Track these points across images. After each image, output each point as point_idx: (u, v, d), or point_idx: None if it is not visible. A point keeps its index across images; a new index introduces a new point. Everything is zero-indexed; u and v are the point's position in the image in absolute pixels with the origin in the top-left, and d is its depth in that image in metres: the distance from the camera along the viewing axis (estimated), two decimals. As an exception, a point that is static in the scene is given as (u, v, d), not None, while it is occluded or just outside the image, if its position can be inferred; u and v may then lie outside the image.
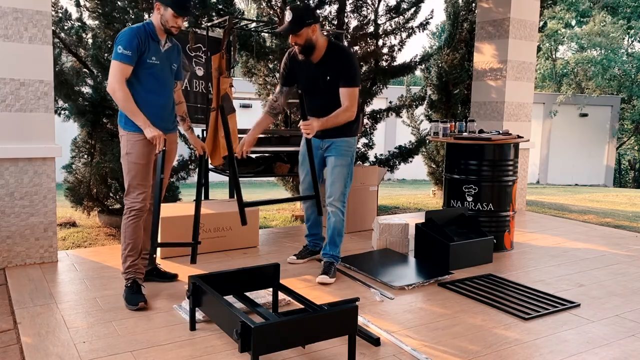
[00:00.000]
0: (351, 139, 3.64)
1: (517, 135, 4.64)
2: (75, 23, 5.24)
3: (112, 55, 3.00)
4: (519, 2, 6.20)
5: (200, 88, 5.21)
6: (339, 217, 3.66)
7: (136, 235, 3.15)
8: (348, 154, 3.62)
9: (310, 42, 3.38)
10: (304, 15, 3.33)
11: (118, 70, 2.98)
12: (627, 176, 22.38)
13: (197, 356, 2.50)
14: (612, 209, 8.06)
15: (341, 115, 3.40)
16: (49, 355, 2.48)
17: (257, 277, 2.91)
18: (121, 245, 3.18)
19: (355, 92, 3.43)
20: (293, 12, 3.31)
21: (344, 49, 3.60)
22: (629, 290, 3.57)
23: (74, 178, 5.25)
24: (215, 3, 5.58)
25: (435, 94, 7.59)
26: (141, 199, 3.13)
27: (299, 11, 3.34)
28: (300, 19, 3.30)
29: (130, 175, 3.12)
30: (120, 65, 2.98)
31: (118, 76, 2.98)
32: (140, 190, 3.13)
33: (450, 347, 2.65)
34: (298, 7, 3.42)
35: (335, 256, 3.68)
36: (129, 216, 3.14)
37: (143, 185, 3.14)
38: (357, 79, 3.46)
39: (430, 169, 8.04)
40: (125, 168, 3.14)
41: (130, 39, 2.99)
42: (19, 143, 3.69)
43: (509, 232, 4.52)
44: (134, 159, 3.11)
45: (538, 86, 20.89)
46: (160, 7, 3.06)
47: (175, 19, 3.08)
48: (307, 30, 3.34)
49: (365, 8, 6.45)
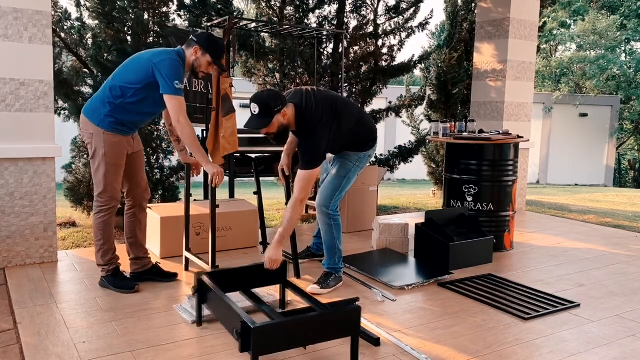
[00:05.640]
0: (357, 154, 3.43)
1: (517, 135, 4.64)
2: (75, 23, 5.24)
3: (167, 89, 3.00)
4: (518, 2, 6.20)
5: (200, 88, 5.21)
6: (327, 228, 3.45)
7: (110, 229, 3.29)
8: (348, 167, 3.42)
9: (283, 126, 3.06)
10: (272, 103, 2.96)
11: (181, 106, 3.03)
12: (627, 176, 22.37)
13: (197, 356, 2.50)
14: (612, 209, 8.06)
15: (290, 214, 3.03)
16: (49, 355, 2.48)
17: (264, 273, 2.90)
18: (96, 241, 3.29)
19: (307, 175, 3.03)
20: (258, 103, 2.96)
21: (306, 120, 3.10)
22: (629, 290, 3.57)
23: (74, 178, 5.25)
24: (215, 3, 5.58)
25: (435, 94, 7.59)
26: (116, 198, 3.23)
27: (265, 101, 2.97)
28: (268, 108, 2.96)
29: (107, 175, 3.17)
30: (181, 100, 3.04)
31: (183, 111, 3.04)
32: (116, 190, 3.22)
33: (450, 347, 2.65)
34: (262, 97, 3.00)
35: (332, 267, 3.50)
36: (105, 214, 3.23)
37: (118, 184, 3.24)
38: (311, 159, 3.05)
39: (430, 169, 8.04)
40: (101, 167, 3.16)
41: (180, 73, 3.06)
42: (19, 143, 3.69)
43: (509, 232, 4.52)
44: (112, 160, 3.16)
45: (537, 86, 20.89)
46: (199, 51, 3.13)
47: (208, 66, 3.18)
48: (277, 118, 3.00)
49: (364, 8, 6.46)
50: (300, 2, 6.17)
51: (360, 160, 3.46)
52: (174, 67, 3.03)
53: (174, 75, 3.01)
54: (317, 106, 3.11)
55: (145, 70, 3.05)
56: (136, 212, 3.44)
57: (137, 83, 3.07)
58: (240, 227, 4.32)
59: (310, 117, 3.09)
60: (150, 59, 3.06)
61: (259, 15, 6.25)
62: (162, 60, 3.03)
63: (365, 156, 3.48)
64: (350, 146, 3.41)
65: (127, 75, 3.11)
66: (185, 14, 5.47)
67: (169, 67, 3.02)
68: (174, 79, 3.00)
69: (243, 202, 4.59)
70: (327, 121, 3.11)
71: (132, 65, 3.13)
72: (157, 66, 3.02)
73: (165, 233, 3.99)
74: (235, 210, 4.32)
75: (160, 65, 3.02)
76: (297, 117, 3.11)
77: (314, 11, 6.27)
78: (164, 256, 4.01)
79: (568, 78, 20.97)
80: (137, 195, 3.42)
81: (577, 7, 20.54)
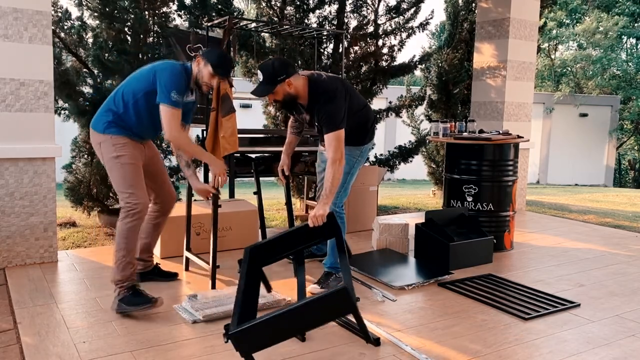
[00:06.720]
0: (359, 148, 3.42)
1: (517, 135, 4.64)
2: (75, 23, 5.24)
3: (163, 97, 2.89)
4: (519, 2, 6.20)
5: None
6: None
7: (135, 239, 3.04)
8: (351, 162, 3.36)
9: (289, 95, 3.11)
10: (276, 72, 3.03)
11: (174, 118, 2.91)
12: (627, 176, 22.37)
13: (197, 356, 2.50)
14: (612, 209, 8.06)
15: (330, 174, 3.01)
16: (49, 355, 2.48)
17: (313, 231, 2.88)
18: (117, 251, 2.98)
19: (336, 136, 3.06)
20: (263, 72, 3.04)
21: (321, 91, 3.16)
22: (629, 290, 3.57)
23: (74, 178, 5.25)
24: (215, 3, 5.59)
25: (435, 93, 7.59)
26: (146, 200, 3.02)
27: (270, 69, 3.04)
28: (272, 77, 3.02)
29: (128, 176, 3.00)
30: (175, 113, 2.91)
31: (176, 124, 2.92)
32: (143, 189, 3.04)
33: (450, 347, 2.65)
34: (268, 65, 3.07)
35: (333, 267, 3.50)
36: (133, 219, 2.98)
37: (142, 184, 3.06)
38: (336, 120, 3.09)
39: (430, 169, 8.04)
40: (118, 171, 3.00)
41: (180, 84, 2.94)
42: (19, 143, 3.69)
43: (509, 232, 4.52)
44: (128, 160, 3.00)
45: (537, 86, 20.90)
46: (200, 62, 3.02)
47: (211, 78, 3.04)
48: (282, 87, 3.05)
49: (365, 8, 6.46)
50: (300, 2, 6.17)
51: (362, 154, 3.45)
52: (174, 77, 2.93)
53: (172, 85, 2.90)
54: (330, 79, 3.19)
55: (147, 77, 2.97)
56: (161, 219, 3.40)
57: (139, 91, 2.98)
58: (240, 227, 4.32)
59: (325, 87, 3.15)
60: (154, 67, 2.99)
61: (259, 15, 6.25)
62: (164, 69, 2.95)
63: (366, 149, 3.48)
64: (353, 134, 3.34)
65: (132, 83, 3.03)
66: (185, 14, 5.48)
67: (169, 76, 2.92)
68: (171, 89, 2.88)
69: (243, 202, 4.59)
70: (342, 92, 3.16)
71: (137, 75, 3.06)
72: (157, 74, 2.93)
73: (166, 233, 3.98)
74: (235, 210, 4.32)
75: (161, 73, 2.93)
76: (311, 88, 3.14)
77: (314, 11, 6.27)
78: (164, 256, 4.01)
79: (568, 78, 20.97)
80: (165, 202, 3.35)
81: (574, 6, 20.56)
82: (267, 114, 6.47)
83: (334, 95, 3.11)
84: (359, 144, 3.39)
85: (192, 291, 3.31)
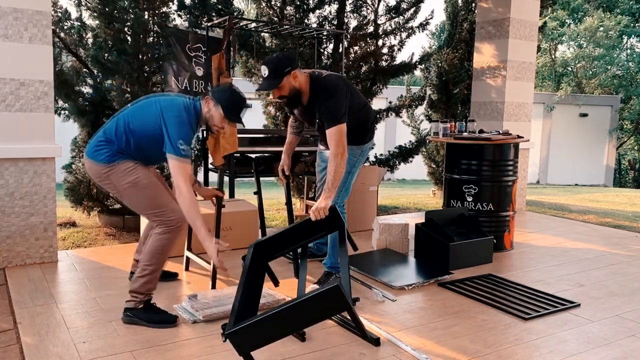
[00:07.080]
0: (360, 147, 3.41)
1: (517, 135, 4.64)
2: (75, 23, 5.24)
3: (170, 148, 2.75)
4: (519, 2, 6.20)
5: (200, 88, 5.21)
6: None
7: (167, 256, 2.92)
8: (351, 161, 3.35)
9: (296, 90, 3.10)
10: (281, 65, 3.01)
11: (181, 170, 2.75)
12: (627, 176, 22.36)
13: (197, 356, 2.50)
14: (612, 209, 8.06)
15: (333, 167, 3.01)
16: (49, 355, 2.48)
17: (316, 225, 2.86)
18: (148, 265, 2.86)
19: (338, 130, 3.05)
20: (268, 66, 3.00)
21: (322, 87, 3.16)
22: (629, 290, 3.57)
23: (74, 178, 5.25)
24: (215, 3, 5.58)
25: (435, 93, 7.59)
26: (179, 210, 2.83)
27: (274, 63, 3.02)
28: (278, 70, 3.00)
29: (152, 197, 2.88)
30: (182, 165, 2.75)
31: (184, 176, 2.75)
32: (172, 202, 2.91)
33: (450, 347, 2.65)
34: (272, 59, 3.06)
35: (333, 267, 3.49)
36: (172, 235, 2.88)
37: (168, 196, 2.94)
38: (337, 114, 3.08)
39: (430, 169, 8.04)
40: (139, 195, 2.88)
41: (188, 133, 2.81)
42: (19, 143, 3.69)
43: (509, 232, 4.52)
44: (144, 180, 2.87)
45: (538, 86, 20.89)
46: (210, 103, 2.87)
47: (222, 121, 2.90)
48: (288, 80, 3.04)
49: (365, 8, 6.46)
50: (300, 2, 6.17)
51: (363, 153, 3.45)
52: (182, 127, 2.78)
53: (179, 135, 2.76)
54: (332, 77, 3.20)
55: (154, 118, 2.82)
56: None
57: (143, 130, 2.84)
58: (240, 227, 4.32)
59: (327, 83, 3.16)
60: (161, 111, 2.82)
61: (259, 15, 6.25)
62: (170, 117, 2.79)
63: (366, 149, 3.48)
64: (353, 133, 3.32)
65: (135, 119, 2.87)
66: (185, 14, 5.47)
67: (176, 126, 2.77)
68: (178, 139, 2.74)
69: (243, 202, 4.59)
70: (343, 89, 3.17)
71: (143, 109, 2.89)
72: (164, 120, 2.79)
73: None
74: (236, 210, 4.32)
75: (168, 121, 2.78)
76: (313, 84, 3.15)
77: (314, 11, 6.27)
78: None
79: (569, 78, 20.95)
80: None
81: (576, 5, 20.56)
82: (267, 114, 6.47)
83: (335, 92, 3.12)
84: (360, 143, 3.39)
85: (192, 291, 3.31)
